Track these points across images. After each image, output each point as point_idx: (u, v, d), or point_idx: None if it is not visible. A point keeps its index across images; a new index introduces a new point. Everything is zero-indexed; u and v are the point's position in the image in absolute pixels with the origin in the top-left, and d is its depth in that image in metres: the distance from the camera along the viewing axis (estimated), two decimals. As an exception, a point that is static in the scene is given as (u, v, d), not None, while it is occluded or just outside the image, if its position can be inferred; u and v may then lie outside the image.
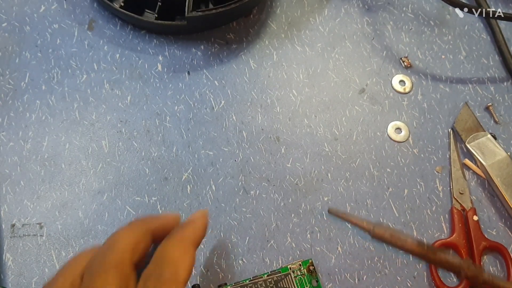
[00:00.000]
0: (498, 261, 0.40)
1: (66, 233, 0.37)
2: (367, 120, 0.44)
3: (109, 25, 0.45)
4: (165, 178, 0.40)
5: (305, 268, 0.31)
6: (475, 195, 0.42)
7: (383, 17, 0.49)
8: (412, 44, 0.48)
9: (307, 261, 0.31)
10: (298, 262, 0.31)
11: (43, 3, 0.45)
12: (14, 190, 0.38)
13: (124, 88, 0.43)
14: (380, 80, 0.46)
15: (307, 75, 0.45)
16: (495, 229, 0.41)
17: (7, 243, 0.36)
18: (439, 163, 0.43)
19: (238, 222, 0.39)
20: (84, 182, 0.39)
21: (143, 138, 0.41)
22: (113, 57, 0.44)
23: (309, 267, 0.32)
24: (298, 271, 0.31)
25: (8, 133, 0.40)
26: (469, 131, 0.44)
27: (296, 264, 0.31)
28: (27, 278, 0.36)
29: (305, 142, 0.42)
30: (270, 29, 0.47)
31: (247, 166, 0.41)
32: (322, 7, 0.48)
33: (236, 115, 0.43)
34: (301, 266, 0.31)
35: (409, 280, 0.38)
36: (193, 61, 0.44)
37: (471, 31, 0.49)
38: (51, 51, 0.43)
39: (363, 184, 0.41)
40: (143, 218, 0.28)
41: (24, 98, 0.41)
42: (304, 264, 0.31)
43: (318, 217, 0.40)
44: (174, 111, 0.42)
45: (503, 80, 0.47)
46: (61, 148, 0.40)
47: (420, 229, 0.40)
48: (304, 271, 0.31)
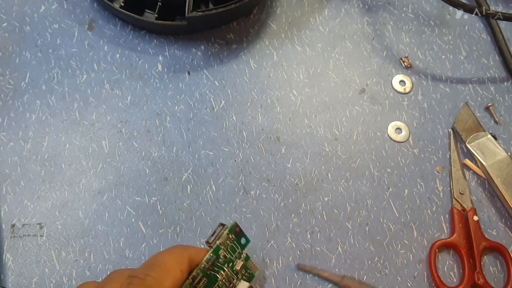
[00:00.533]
0: (498, 261, 0.40)
1: (66, 233, 0.37)
2: (367, 120, 0.44)
3: (109, 25, 0.45)
4: (165, 178, 0.40)
5: (232, 234, 0.31)
6: (475, 195, 0.42)
7: (383, 17, 0.49)
8: (412, 44, 0.48)
9: (232, 227, 0.31)
10: (225, 232, 0.31)
11: (43, 3, 0.45)
12: (14, 190, 0.38)
13: (124, 88, 0.43)
14: (380, 80, 0.46)
15: (307, 75, 0.45)
16: (495, 229, 0.41)
17: (7, 243, 0.36)
18: (439, 163, 0.43)
19: (238, 222, 0.39)
20: (84, 182, 0.39)
21: (143, 138, 0.41)
22: (113, 57, 0.44)
23: (236, 230, 0.31)
24: (228, 241, 0.31)
25: (8, 133, 0.40)
26: (469, 131, 0.44)
27: (223, 237, 0.30)
28: (27, 278, 0.36)
29: (305, 142, 0.42)
30: (270, 29, 0.47)
31: (247, 166, 0.41)
32: (322, 7, 0.48)
33: (236, 115, 0.43)
34: (228, 235, 0.31)
35: (409, 280, 0.38)
36: (193, 61, 0.44)
37: (471, 31, 0.49)
38: (51, 51, 0.43)
39: (363, 184, 0.41)
40: (181, 245, 0.30)
41: (24, 98, 0.41)
42: (231, 231, 0.31)
43: (318, 217, 0.40)
44: (174, 111, 0.42)
45: (503, 80, 0.47)
46: (61, 148, 0.40)
47: (420, 229, 0.40)
48: (232, 237, 0.31)
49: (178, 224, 0.38)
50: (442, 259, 0.40)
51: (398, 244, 0.40)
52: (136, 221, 0.38)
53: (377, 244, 0.39)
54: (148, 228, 0.38)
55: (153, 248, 0.37)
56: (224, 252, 0.30)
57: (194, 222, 0.39)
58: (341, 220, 0.40)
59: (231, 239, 0.31)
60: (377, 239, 0.40)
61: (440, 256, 0.40)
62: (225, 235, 0.31)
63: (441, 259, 0.39)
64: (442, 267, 0.39)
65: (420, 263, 0.39)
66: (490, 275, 0.39)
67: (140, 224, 0.38)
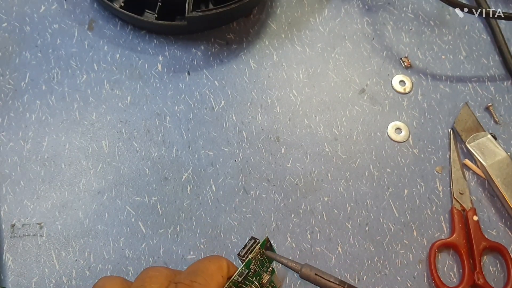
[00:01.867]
0: (498, 261, 0.40)
1: (66, 233, 0.37)
2: (367, 120, 0.44)
3: (109, 25, 0.45)
4: (165, 178, 0.40)
5: (264, 248, 0.31)
6: (475, 195, 0.42)
7: (383, 17, 0.49)
8: (412, 44, 0.48)
9: (264, 242, 0.31)
10: (257, 247, 0.31)
11: (43, 3, 0.45)
12: (14, 190, 0.38)
13: (124, 88, 0.43)
14: (380, 80, 0.46)
15: (307, 75, 0.45)
16: (495, 229, 0.41)
17: (7, 243, 0.36)
18: (439, 163, 0.43)
19: (238, 222, 0.39)
20: (84, 182, 0.39)
21: (143, 138, 0.41)
22: (113, 57, 0.44)
23: (267, 245, 0.32)
24: (258, 255, 0.31)
25: (8, 133, 0.40)
26: (469, 131, 0.44)
27: (255, 251, 0.31)
28: (27, 278, 0.36)
29: (305, 142, 0.42)
30: (270, 29, 0.47)
31: (247, 166, 0.41)
32: (322, 7, 0.48)
33: (236, 115, 0.43)
34: (260, 249, 0.31)
35: (409, 280, 0.38)
36: (193, 61, 0.44)
37: (471, 31, 0.49)
38: (51, 51, 0.43)
39: (363, 184, 0.41)
40: (216, 255, 0.32)
41: (24, 98, 0.41)
42: (263, 245, 0.31)
43: (318, 217, 0.40)
44: (174, 111, 0.42)
45: (503, 80, 0.47)
46: (61, 148, 0.40)
47: (420, 229, 0.40)
48: (263, 252, 0.31)
49: (178, 224, 0.38)
50: (442, 259, 0.40)
51: (398, 244, 0.40)
52: (136, 221, 0.38)
53: (377, 244, 0.39)
54: (148, 228, 0.38)
55: (153, 248, 0.37)
56: (254, 266, 0.31)
57: (194, 222, 0.39)
58: (341, 220, 0.40)
59: (262, 253, 0.31)
60: (377, 239, 0.40)
61: (440, 256, 0.40)
62: (257, 250, 0.31)
63: (441, 259, 0.39)
64: (442, 267, 0.39)
65: (420, 263, 0.39)
66: (490, 275, 0.39)
67: (140, 224, 0.38)
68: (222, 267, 0.29)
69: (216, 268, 0.28)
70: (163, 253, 0.37)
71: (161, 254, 0.37)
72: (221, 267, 0.29)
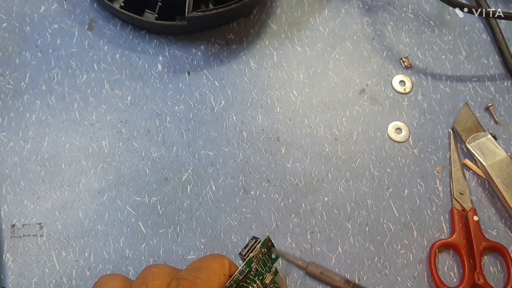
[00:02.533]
0: (498, 261, 0.40)
1: (66, 233, 0.37)
2: (367, 120, 0.44)
3: (109, 25, 0.45)
4: (165, 178, 0.40)
5: (265, 247, 0.32)
6: (475, 195, 0.42)
7: (383, 17, 0.49)
8: (412, 44, 0.48)
9: (265, 241, 0.31)
10: (258, 246, 0.31)
11: (43, 3, 0.45)
12: (14, 190, 0.38)
13: (124, 88, 0.43)
14: (380, 80, 0.46)
15: (307, 75, 0.45)
16: (495, 229, 0.41)
17: (7, 243, 0.36)
18: (439, 163, 0.43)
19: (238, 222, 0.39)
20: (84, 182, 0.39)
21: (143, 138, 0.41)
22: (113, 57, 0.44)
23: (268, 244, 0.32)
24: (260, 254, 0.31)
25: (8, 133, 0.40)
26: (469, 131, 0.44)
27: (256, 250, 0.31)
28: (27, 278, 0.36)
29: (305, 142, 0.42)
30: (270, 29, 0.47)
31: (247, 166, 0.41)
32: (322, 7, 0.48)
33: (236, 115, 0.43)
34: (261, 249, 0.31)
35: (409, 280, 0.38)
36: (193, 61, 0.44)
37: (471, 31, 0.49)
38: (51, 51, 0.43)
39: (363, 184, 0.41)
40: (217, 253, 0.32)
41: (24, 98, 0.41)
42: (264, 245, 0.31)
43: (318, 217, 0.40)
44: (174, 111, 0.42)
45: (503, 80, 0.47)
46: (61, 148, 0.40)
47: (420, 229, 0.40)
48: (264, 251, 0.32)
49: (178, 224, 0.38)
50: (442, 259, 0.40)
51: (398, 244, 0.40)
52: (136, 221, 0.38)
53: (377, 244, 0.39)
54: (148, 228, 0.38)
55: (153, 248, 0.37)
56: (256, 265, 0.31)
57: (194, 222, 0.39)
58: (341, 220, 0.40)
59: (263, 253, 0.31)
60: (377, 239, 0.40)
61: (440, 256, 0.40)
62: (258, 249, 0.31)
63: (441, 259, 0.39)
64: (442, 267, 0.39)
65: (420, 263, 0.39)
66: (490, 275, 0.39)
67: (140, 224, 0.38)
68: (224, 265, 0.29)
69: (219, 266, 0.28)
70: (163, 253, 0.37)
71: (161, 254, 0.37)
72: (224, 265, 0.29)
